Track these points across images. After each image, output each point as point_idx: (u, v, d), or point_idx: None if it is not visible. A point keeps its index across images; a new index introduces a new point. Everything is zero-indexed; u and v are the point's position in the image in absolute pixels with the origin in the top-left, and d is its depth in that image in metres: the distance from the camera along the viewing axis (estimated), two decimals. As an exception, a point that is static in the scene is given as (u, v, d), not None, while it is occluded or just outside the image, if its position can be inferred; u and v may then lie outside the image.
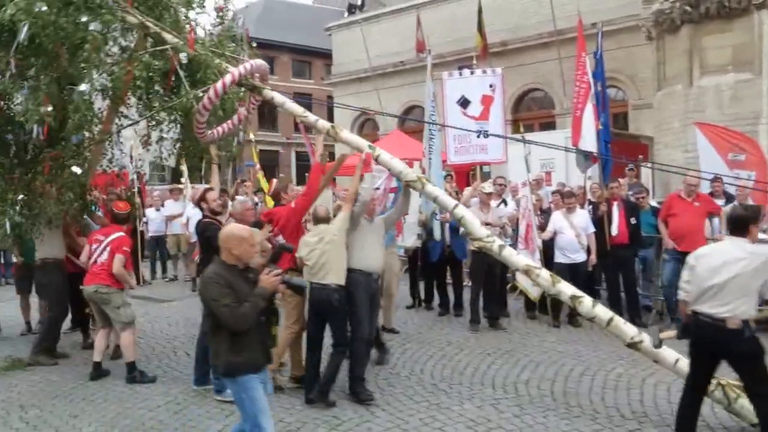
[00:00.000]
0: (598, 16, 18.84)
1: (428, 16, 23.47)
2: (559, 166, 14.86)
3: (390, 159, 6.43)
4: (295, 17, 37.02)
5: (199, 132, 6.95)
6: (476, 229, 6.14)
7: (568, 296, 5.74)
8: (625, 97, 20.39)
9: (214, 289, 4.08)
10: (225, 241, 4.25)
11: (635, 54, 18.51)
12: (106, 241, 7.03)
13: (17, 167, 7.31)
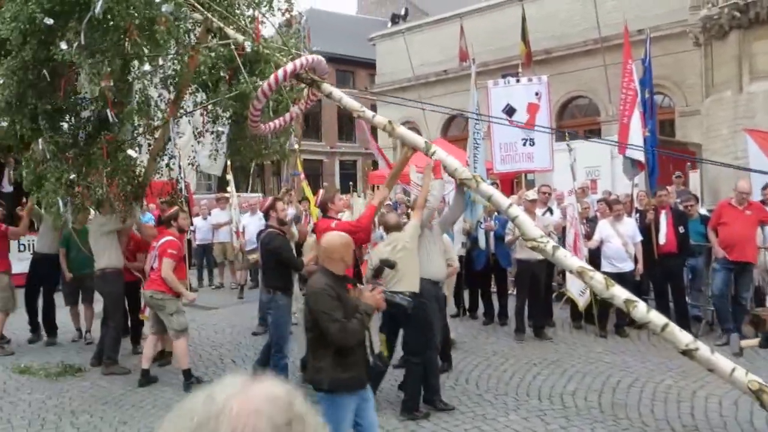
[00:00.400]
0: (644, 23, 18.68)
1: (471, 25, 23.45)
2: (604, 173, 14.71)
3: (446, 156, 6.43)
4: (339, 28, 37.31)
5: (252, 122, 6.99)
6: (530, 229, 6.07)
7: (622, 300, 5.62)
8: (671, 104, 20.04)
9: (326, 301, 4.01)
10: (333, 249, 4.20)
11: (682, 60, 18.21)
12: (157, 246, 7.23)
13: (71, 147, 7.49)
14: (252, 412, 1.06)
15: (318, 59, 6.98)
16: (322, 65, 7.09)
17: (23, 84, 6.70)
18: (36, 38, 6.36)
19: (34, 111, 7.05)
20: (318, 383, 4.17)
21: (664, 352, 7.90)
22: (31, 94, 6.85)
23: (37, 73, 6.69)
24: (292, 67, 6.53)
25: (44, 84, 6.81)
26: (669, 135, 19.28)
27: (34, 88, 6.82)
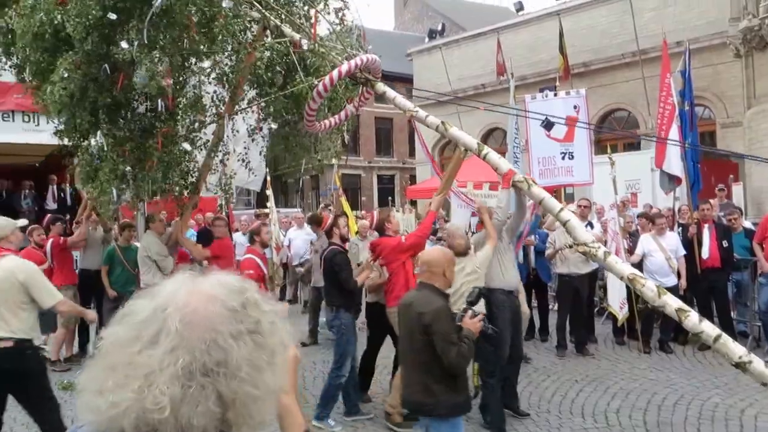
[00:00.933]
0: (683, 35, 18.43)
1: (508, 39, 23.46)
2: (645, 187, 14.53)
3: (498, 158, 6.26)
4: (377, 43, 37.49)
5: (308, 121, 6.99)
6: (581, 234, 5.86)
7: (674, 309, 5.32)
8: (712, 116, 19.73)
9: (447, 322, 3.95)
10: (436, 263, 4.16)
11: (722, 72, 17.96)
12: (237, 265, 7.30)
13: (128, 140, 7.65)
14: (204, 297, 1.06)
15: (373, 59, 6.94)
16: (376, 64, 7.02)
17: (86, 78, 6.87)
18: (98, 33, 6.51)
19: (94, 105, 7.22)
20: (433, 407, 4.03)
21: (710, 368, 7.77)
22: (92, 88, 7.01)
23: (98, 68, 6.83)
24: (347, 67, 6.49)
25: (104, 78, 6.95)
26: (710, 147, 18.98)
27: (95, 82, 6.98)
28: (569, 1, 22.96)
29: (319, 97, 6.63)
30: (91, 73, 6.88)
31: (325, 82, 6.46)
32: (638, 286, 5.52)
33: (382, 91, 6.97)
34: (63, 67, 6.75)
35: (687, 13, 19.21)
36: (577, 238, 5.91)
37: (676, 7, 19.48)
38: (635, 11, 19.92)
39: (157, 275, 8.09)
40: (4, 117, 14.42)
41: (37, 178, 16.99)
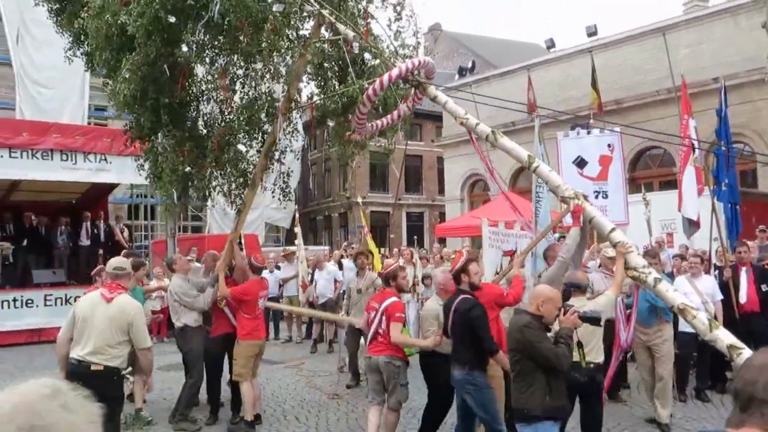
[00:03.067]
0: (720, 71, 18.22)
1: (539, 76, 23.36)
2: (680, 227, 14.15)
3: (548, 172, 6.16)
4: (405, 86, 37.97)
5: (358, 124, 6.91)
6: (633, 257, 5.66)
7: (726, 345, 5.09)
8: (752, 153, 19.28)
9: (531, 333, 4.38)
10: (534, 296, 4.60)
11: (762, 108, 17.59)
12: (381, 308, 6.62)
13: (188, 141, 7.76)
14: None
15: (427, 61, 6.82)
16: (429, 66, 6.87)
17: (147, 79, 7.02)
18: (160, 36, 6.63)
19: (156, 104, 7.39)
20: (529, 410, 4.43)
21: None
22: (152, 89, 7.17)
23: (159, 69, 6.98)
24: (398, 71, 6.37)
25: (165, 79, 7.10)
26: (751, 185, 18.54)
27: (155, 83, 7.13)
28: (601, 38, 22.83)
29: (369, 101, 6.49)
30: (152, 74, 7.03)
31: (375, 86, 6.33)
32: (689, 317, 5.23)
33: (433, 95, 6.82)
34: (126, 67, 6.91)
35: (724, 49, 18.90)
36: (629, 262, 5.63)
37: (712, 44, 19.22)
38: (670, 47, 19.73)
39: (187, 316, 7.94)
40: (44, 156, 14.80)
41: (73, 215, 17.34)
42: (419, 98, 7.19)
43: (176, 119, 7.75)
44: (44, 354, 12.83)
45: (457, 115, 6.64)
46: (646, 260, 7.19)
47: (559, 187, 6.06)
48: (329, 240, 37.20)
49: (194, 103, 7.89)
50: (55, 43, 29.05)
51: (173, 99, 7.41)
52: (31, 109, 27.69)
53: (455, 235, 22.38)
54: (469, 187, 28.06)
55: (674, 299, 5.40)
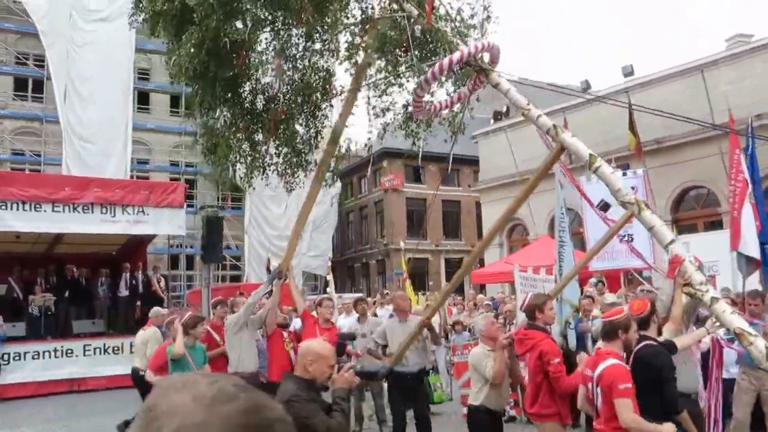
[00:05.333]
0: (761, 108, 17.83)
1: (575, 118, 23.17)
2: (724, 269, 13.65)
3: (610, 174, 5.97)
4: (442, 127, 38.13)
5: (416, 106, 6.84)
6: (692, 273, 5.37)
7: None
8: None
9: (298, 408, 3.65)
10: (301, 356, 3.96)
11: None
12: (596, 377, 4.73)
13: (244, 116, 7.79)
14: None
15: (492, 44, 6.63)
16: (494, 51, 6.65)
17: (210, 53, 7.10)
18: (222, 10, 6.72)
19: (214, 79, 7.47)
20: None
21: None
22: (213, 63, 7.24)
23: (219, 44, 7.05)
24: (459, 55, 6.24)
25: (225, 53, 7.17)
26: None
27: (215, 57, 7.20)
28: (637, 78, 22.64)
29: (427, 85, 6.42)
30: (215, 48, 7.12)
31: (434, 70, 6.22)
32: (745, 342, 4.98)
33: (495, 83, 6.67)
34: (189, 42, 7.02)
35: (763, 86, 18.55)
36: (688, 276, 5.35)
37: (753, 80, 18.87)
38: (709, 85, 19.45)
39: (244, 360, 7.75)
40: (84, 209, 15.12)
41: (113, 266, 17.65)
42: (480, 83, 6.99)
43: (234, 94, 7.86)
44: (84, 402, 13.00)
45: (520, 105, 6.56)
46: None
47: (620, 191, 5.91)
48: (367, 287, 37.03)
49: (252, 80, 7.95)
50: (98, 100, 30.18)
51: (232, 74, 7.49)
52: (76, 164, 28.54)
53: (491, 281, 22.08)
54: (508, 231, 27.75)
55: (731, 322, 5.11)
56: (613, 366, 4.52)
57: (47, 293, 15.79)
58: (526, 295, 5.69)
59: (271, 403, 1.02)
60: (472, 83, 7.13)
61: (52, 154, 29.93)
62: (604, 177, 5.91)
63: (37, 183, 15.21)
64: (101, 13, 30.52)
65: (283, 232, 33.98)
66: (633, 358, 4.97)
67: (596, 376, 4.63)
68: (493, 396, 6.09)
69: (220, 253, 20.77)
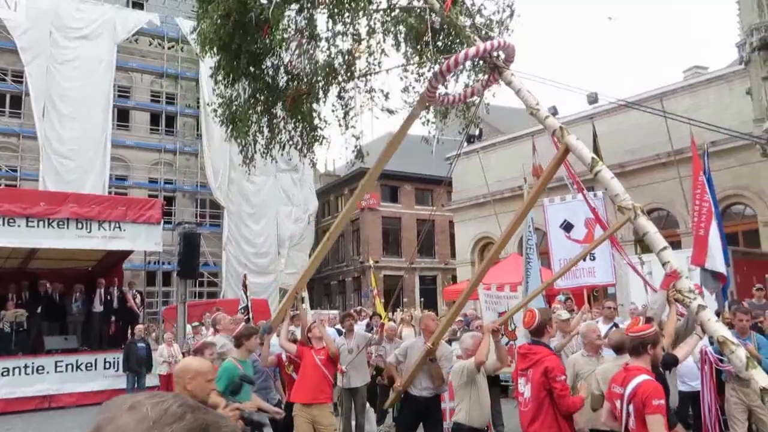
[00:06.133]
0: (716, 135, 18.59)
1: (544, 142, 23.83)
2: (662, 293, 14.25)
3: (610, 178, 6.09)
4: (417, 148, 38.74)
5: (429, 95, 6.96)
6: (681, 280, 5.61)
7: (760, 387, 5.01)
8: (754, 214, 19.49)
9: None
10: (179, 374, 3.87)
11: (761, 170, 17.86)
12: (626, 397, 4.49)
13: (264, 90, 8.07)
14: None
15: (508, 43, 6.71)
16: (509, 49, 6.71)
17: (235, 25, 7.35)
18: None
19: (239, 51, 7.69)
20: None
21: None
22: (238, 35, 7.48)
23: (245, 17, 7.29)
24: (474, 50, 6.35)
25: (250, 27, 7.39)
26: (754, 245, 18.64)
27: (240, 30, 7.44)
28: (602, 105, 23.39)
29: (442, 77, 6.57)
30: (241, 21, 7.34)
31: (449, 62, 6.37)
32: (727, 351, 5.20)
33: (508, 81, 6.77)
34: (216, 13, 7.28)
35: (720, 114, 19.32)
36: (677, 284, 5.62)
37: (708, 109, 19.66)
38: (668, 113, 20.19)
39: None
40: (60, 224, 15.21)
41: (88, 282, 17.71)
42: (494, 80, 7.05)
43: (257, 68, 8.10)
44: (54, 420, 12.95)
45: (530, 104, 6.66)
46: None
47: (618, 195, 6.05)
48: (343, 304, 37.36)
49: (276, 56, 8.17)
50: (78, 116, 30.38)
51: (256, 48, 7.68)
52: (54, 180, 28.70)
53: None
54: (480, 249, 28.32)
55: (716, 330, 5.27)
56: (646, 382, 4.39)
57: (19, 309, 15.64)
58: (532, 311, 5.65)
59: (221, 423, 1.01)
60: (486, 79, 7.30)
61: (28, 169, 30.04)
62: (604, 181, 6.10)
63: (11, 197, 15.20)
64: (82, 31, 30.86)
65: (260, 249, 34.31)
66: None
67: (629, 392, 4.44)
68: (475, 413, 6.34)
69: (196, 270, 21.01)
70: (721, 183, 19.42)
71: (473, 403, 6.33)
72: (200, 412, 1.01)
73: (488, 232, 26.71)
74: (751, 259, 15.30)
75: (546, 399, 5.24)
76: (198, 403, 1.05)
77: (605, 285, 10.85)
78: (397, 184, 38.90)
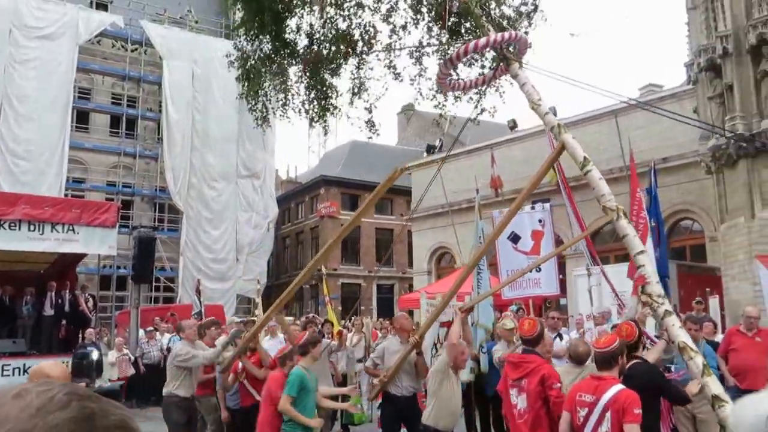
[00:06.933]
0: (669, 152, 19.19)
1: (502, 155, 24.31)
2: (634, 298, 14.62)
3: (598, 179, 6.25)
4: (379, 157, 39.08)
5: (440, 80, 7.06)
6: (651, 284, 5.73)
7: (712, 394, 5.12)
8: (702, 229, 20.08)
9: None
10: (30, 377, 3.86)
11: (708, 187, 18.42)
12: (601, 405, 4.63)
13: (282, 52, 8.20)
14: None
15: (519, 36, 6.78)
16: (521, 41, 6.78)
17: None
18: None
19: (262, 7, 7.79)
20: None
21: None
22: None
23: None
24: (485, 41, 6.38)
25: None
26: (701, 260, 19.19)
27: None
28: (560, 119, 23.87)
29: (451, 64, 6.65)
30: None
31: (459, 51, 6.48)
32: (686, 356, 5.32)
33: (515, 73, 6.86)
34: None
35: (673, 130, 19.88)
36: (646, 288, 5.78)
37: (661, 126, 20.23)
38: (622, 129, 20.73)
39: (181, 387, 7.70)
40: (11, 226, 15.00)
41: (40, 285, 17.45)
42: (504, 71, 7.15)
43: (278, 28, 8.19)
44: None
45: (532, 99, 6.77)
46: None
47: (604, 196, 6.26)
48: (300, 311, 37.31)
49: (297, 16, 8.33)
50: (36, 117, 29.91)
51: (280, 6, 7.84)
52: (9, 180, 28.20)
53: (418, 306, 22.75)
54: (436, 260, 28.62)
55: (678, 335, 5.42)
56: (626, 391, 4.59)
57: (-34, 312, 15.34)
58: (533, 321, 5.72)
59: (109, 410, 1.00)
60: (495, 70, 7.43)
61: (-18, 170, 29.51)
62: (593, 181, 6.27)
63: (-40, 198, 14.78)
64: (43, 31, 30.42)
65: (218, 255, 34.13)
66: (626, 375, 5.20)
67: (606, 400, 4.57)
68: (442, 416, 6.42)
69: (151, 274, 20.86)
70: (671, 198, 20.02)
71: (442, 404, 6.40)
72: (88, 400, 0.99)
73: (445, 242, 27.01)
74: (696, 273, 15.81)
75: (542, 408, 5.29)
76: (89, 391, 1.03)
77: (549, 296, 11.14)
78: (357, 192, 39.12)
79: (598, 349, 4.97)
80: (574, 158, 6.33)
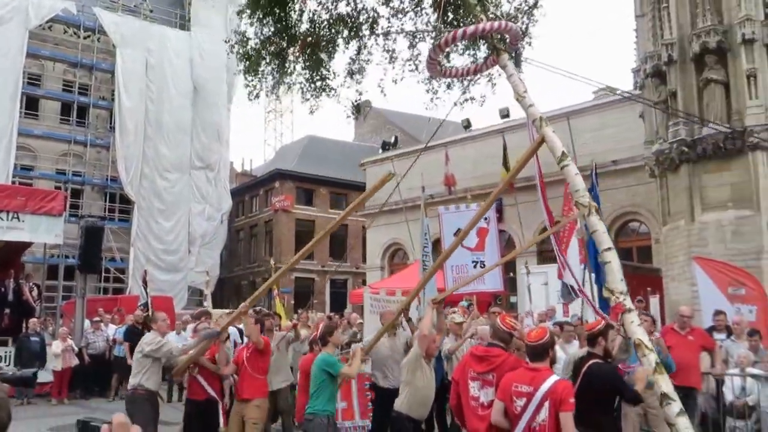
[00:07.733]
0: (619, 154, 19.65)
1: (456, 153, 24.56)
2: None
3: (574, 175, 6.24)
4: (335, 153, 39.12)
5: (430, 65, 7.05)
6: (615, 281, 5.77)
7: (661, 392, 5.17)
8: (648, 231, 20.62)
9: None
10: None
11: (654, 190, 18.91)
12: (539, 394, 4.77)
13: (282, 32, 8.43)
14: None
15: (509, 26, 6.79)
16: (512, 32, 6.79)
17: None
18: None
19: None
20: None
21: None
22: None
23: None
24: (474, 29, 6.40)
25: None
26: (647, 261, 19.71)
27: None
28: (513, 120, 24.23)
29: (440, 50, 6.63)
30: None
31: (448, 37, 6.45)
32: (640, 353, 5.38)
33: (504, 64, 6.87)
34: None
35: (624, 133, 20.31)
36: (609, 283, 5.82)
37: (613, 129, 20.69)
38: (574, 131, 21.10)
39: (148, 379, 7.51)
40: (-44, 215, 14.64)
41: (-18, 274, 17.04)
42: (494, 61, 7.10)
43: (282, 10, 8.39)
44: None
45: (518, 90, 6.76)
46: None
47: (579, 191, 6.23)
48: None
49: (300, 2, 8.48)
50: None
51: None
52: (-47, 166, 27.43)
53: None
54: (390, 256, 28.78)
55: (635, 332, 5.48)
56: (563, 381, 4.84)
57: None
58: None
59: None
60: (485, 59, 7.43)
61: (-74, 154, 28.62)
62: (569, 176, 6.28)
63: None
64: (-9, 14, 29.67)
65: (170, 246, 33.72)
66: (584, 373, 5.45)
67: (545, 390, 4.70)
68: (415, 404, 6.41)
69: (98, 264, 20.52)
70: (620, 200, 20.50)
71: (416, 393, 6.42)
72: None
73: (399, 239, 27.18)
74: (641, 274, 16.22)
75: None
76: None
77: (493, 291, 11.37)
78: (312, 187, 39.08)
79: (530, 342, 5.07)
80: (552, 152, 6.42)
